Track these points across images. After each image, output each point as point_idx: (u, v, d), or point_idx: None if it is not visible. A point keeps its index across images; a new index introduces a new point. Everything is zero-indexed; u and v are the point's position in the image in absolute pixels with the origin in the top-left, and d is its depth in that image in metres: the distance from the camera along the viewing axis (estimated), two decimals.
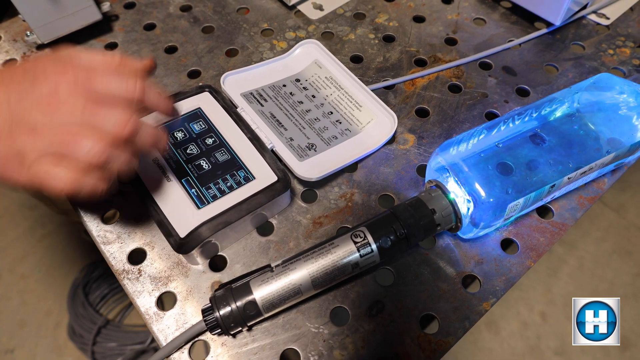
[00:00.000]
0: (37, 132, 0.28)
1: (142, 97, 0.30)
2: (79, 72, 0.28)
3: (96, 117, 0.28)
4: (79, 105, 0.28)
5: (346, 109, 0.45)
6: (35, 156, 0.28)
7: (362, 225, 0.34)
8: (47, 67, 0.29)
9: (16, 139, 0.28)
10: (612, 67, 0.50)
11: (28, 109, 0.28)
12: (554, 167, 0.35)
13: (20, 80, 0.29)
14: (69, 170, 0.27)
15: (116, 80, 0.29)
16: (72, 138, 0.27)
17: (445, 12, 0.55)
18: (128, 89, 0.29)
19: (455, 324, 0.34)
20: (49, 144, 0.28)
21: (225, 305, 0.32)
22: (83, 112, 0.28)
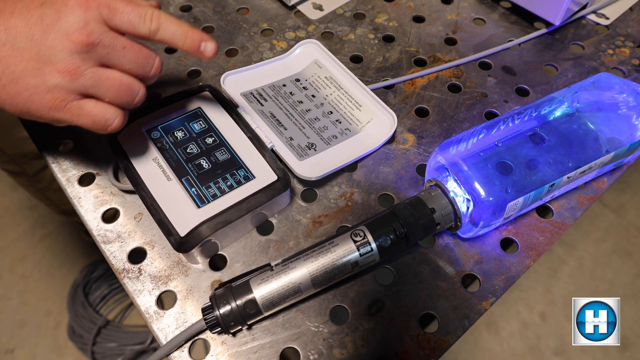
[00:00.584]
0: (73, 73, 0.28)
1: (157, 32, 0.31)
2: (103, 8, 0.29)
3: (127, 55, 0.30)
4: (119, 41, 0.29)
5: (346, 109, 0.45)
6: (70, 96, 0.29)
7: (362, 225, 0.34)
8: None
9: (47, 76, 0.28)
10: (611, 67, 0.50)
11: (58, 42, 0.28)
12: (554, 166, 0.35)
13: (39, 8, 0.28)
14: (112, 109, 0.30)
15: (136, 17, 0.30)
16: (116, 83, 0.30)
17: (445, 12, 0.55)
18: (145, 26, 0.30)
19: (454, 323, 0.35)
20: (89, 86, 0.29)
21: (225, 304, 0.32)
22: (124, 49, 0.29)
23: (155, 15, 0.30)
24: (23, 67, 0.28)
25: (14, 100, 0.29)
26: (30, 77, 0.28)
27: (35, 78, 0.28)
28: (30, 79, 0.28)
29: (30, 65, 0.28)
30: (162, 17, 0.31)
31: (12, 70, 0.28)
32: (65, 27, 0.28)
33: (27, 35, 0.28)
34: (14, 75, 0.28)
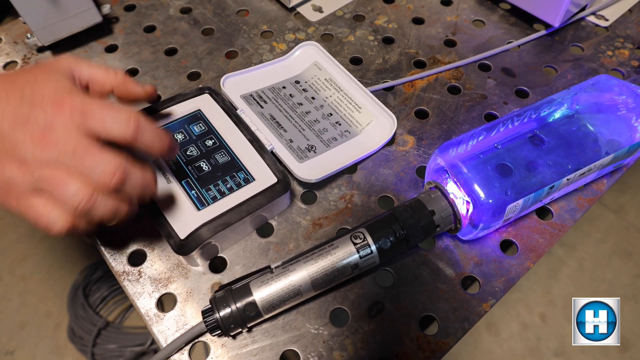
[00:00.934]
0: (27, 165, 0.27)
1: (135, 139, 0.29)
2: (75, 111, 0.28)
3: (86, 161, 0.27)
4: (70, 145, 0.27)
5: (346, 111, 0.45)
6: (23, 190, 0.27)
7: (362, 227, 0.34)
8: (45, 94, 0.28)
9: (5, 167, 0.27)
10: (611, 68, 0.50)
11: (21, 139, 0.27)
12: (553, 168, 0.35)
13: (18, 101, 0.28)
14: (58, 212, 0.27)
15: (111, 121, 0.28)
16: (60, 179, 0.27)
17: (445, 13, 0.55)
18: (120, 132, 0.28)
19: (454, 325, 0.35)
20: (37, 180, 0.27)
21: (225, 307, 0.32)
22: (74, 154, 0.27)
23: (133, 120, 0.28)
24: None
25: None
26: None
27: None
28: None
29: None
30: (140, 122, 0.29)
31: None
32: (32, 128, 0.27)
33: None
34: None
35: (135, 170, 0.28)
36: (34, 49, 0.52)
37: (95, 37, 0.53)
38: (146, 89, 0.35)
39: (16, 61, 0.51)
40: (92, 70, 0.33)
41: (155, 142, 0.30)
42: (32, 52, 0.52)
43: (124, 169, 0.28)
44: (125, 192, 0.29)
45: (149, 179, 0.30)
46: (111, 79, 0.33)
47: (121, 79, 0.34)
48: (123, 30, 0.54)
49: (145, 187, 0.29)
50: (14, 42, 0.53)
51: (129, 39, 0.53)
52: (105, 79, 0.33)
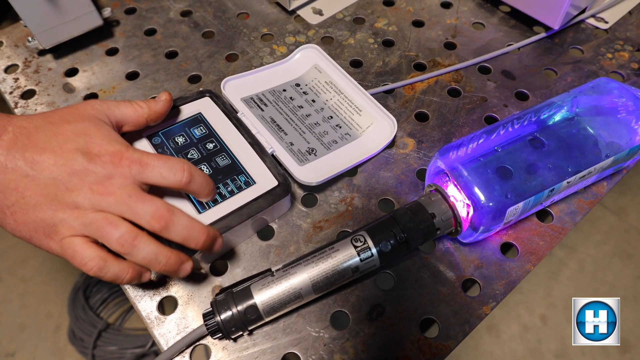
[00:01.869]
0: (79, 210, 0.29)
1: (188, 185, 0.32)
2: (134, 164, 0.30)
3: (139, 205, 0.30)
4: (125, 195, 0.30)
5: (346, 114, 0.45)
6: (69, 233, 0.29)
7: (362, 230, 0.34)
8: (102, 147, 0.31)
9: (57, 211, 0.29)
10: (610, 71, 0.50)
11: (78, 187, 0.29)
12: (553, 171, 0.35)
13: (72, 152, 0.30)
14: (97, 254, 0.30)
15: (166, 172, 0.31)
16: (109, 224, 0.29)
17: (444, 16, 0.55)
18: (176, 179, 0.31)
19: (455, 328, 0.35)
20: (86, 225, 0.29)
21: (226, 310, 0.32)
22: (128, 201, 0.29)
23: (187, 167, 0.31)
24: (37, 201, 0.29)
25: (19, 227, 0.30)
26: (41, 211, 0.29)
27: (45, 213, 0.29)
28: (40, 213, 0.29)
29: (46, 201, 0.29)
30: (192, 169, 0.32)
31: (27, 202, 0.29)
32: (91, 178, 0.30)
33: (52, 175, 0.29)
34: (27, 207, 0.29)
35: (182, 216, 0.31)
36: (35, 52, 0.52)
37: (96, 40, 0.53)
38: (165, 99, 0.37)
39: (17, 64, 0.51)
40: (123, 110, 0.35)
41: (203, 187, 0.33)
42: (33, 56, 0.52)
43: (172, 212, 0.30)
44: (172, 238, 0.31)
45: (197, 229, 0.31)
46: (140, 114, 0.36)
47: (147, 108, 0.36)
48: (124, 34, 0.54)
49: (190, 234, 0.31)
50: (15, 46, 0.53)
51: (130, 42, 0.53)
52: (137, 115, 0.35)
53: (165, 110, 0.37)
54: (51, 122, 0.31)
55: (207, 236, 0.31)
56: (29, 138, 0.30)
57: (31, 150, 0.30)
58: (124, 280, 0.31)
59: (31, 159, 0.29)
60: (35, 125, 0.31)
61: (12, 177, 0.29)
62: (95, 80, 0.50)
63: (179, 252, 0.32)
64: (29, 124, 0.31)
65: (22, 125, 0.31)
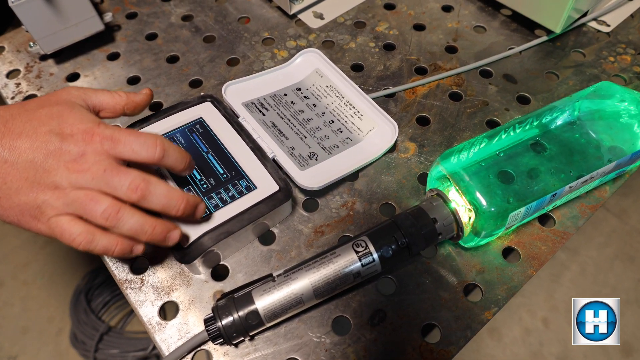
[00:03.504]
0: (60, 190, 0.30)
1: (162, 160, 0.32)
2: (105, 140, 0.31)
3: (114, 179, 0.30)
4: (101, 168, 0.30)
5: (347, 118, 0.45)
6: (54, 213, 0.30)
7: (364, 235, 0.34)
8: (73, 126, 0.31)
9: (39, 193, 0.30)
10: (612, 74, 0.50)
11: (55, 167, 0.30)
12: (555, 175, 0.35)
13: (46, 134, 0.31)
14: (85, 228, 0.30)
15: (137, 147, 0.31)
16: (92, 197, 0.30)
17: (446, 20, 0.55)
18: (148, 154, 0.31)
19: (457, 334, 0.34)
20: (69, 203, 0.30)
21: (228, 315, 0.32)
22: (104, 174, 0.30)
23: (160, 142, 0.32)
24: (18, 185, 0.30)
25: (7, 212, 0.31)
26: (24, 194, 0.30)
27: (28, 195, 0.30)
28: (22, 196, 0.30)
29: (26, 184, 0.30)
30: (165, 144, 0.32)
31: (9, 187, 0.30)
32: (65, 157, 0.30)
33: (28, 158, 0.30)
34: (9, 192, 0.30)
35: (159, 185, 0.31)
36: (36, 57, 0.52)
37: (98, 45, 0.53)
38: (145, 92, 0.38)
39: (19, 69, 0.51)
40: (100, 97, 0.35)
41: (178, 161, 0.33)
42: (34, 60, 0.52)
43: (148, 182, 0.31)
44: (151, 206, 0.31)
45: (175, 196, 0.32)
46: (118, 101, 0.36)
47: (125, 97, 0.37)
48: (125, 38, 0.54)
49: (168, 202, 0.31)
50: (16, 51, 0.53)
51: (131, 47, 0.53)
52: (114, 102, 0.36)
53: (144, 102, 0.38)
54: (27, 109, 0.32)
55: (186, 203, 0.32)
56: (5, 125, 0.31)
57: (8, 136, 0.30)
58: (115, 252, 0.31)
59: (8, 145, 0.30)
60: (11, 113, 0.32)
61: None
62: (97, 85, 0.50)
63: (165, 220, 0.32)
64: (5, 112, 0.32)
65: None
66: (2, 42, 0.54)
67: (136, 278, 0.37)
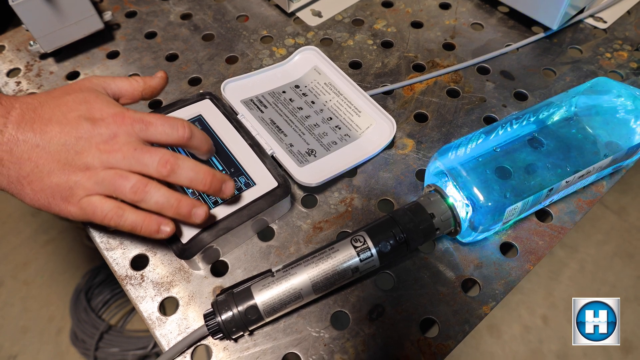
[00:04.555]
0: (91, 170, 0.31)
1: (190, 141, 0.34)
2: (136, 122, 0.32)
3: (145, 156, 0.31)
4: (131, 149, 0.31)
5: (345, 115, 0.45)
6: (85, 193, 0.31)
7: (362, 230, 0.35)
8: (103, 110, 0.33)
9: (70, 174, 0.31)
10: (609, 70, 0.50)
11: (86, 149, 0.31)
12: (552, 170, 0.35)
13: (76, 119, 0.32)
14: (115, 204, 0.32)
15: (168, 129, 0.33)
16: (119, 178, 0.31)
17: (443, 17, 0.56)
18: (178, 135, 0.33)
19: (455, 328, 0.35)
20: (99, 182, 0.31)
21: (227, 310, 0.32)
22: (134, 154, 0.31)
23: (187, 124, 0.33)
24: (50, 168, 0.31)
25: (37, 195, 0.32)
26: (55, 176, 0.31)
27: (60, 177, 0.31)
28: (54, 178, 0.31)
29: (58, 166, 0.31)
30: (192, 126, 0.34)
31: (41, 170, 0.31)
32: (96, 139, 0.31)
33: (60, 141, 0.31)
34: (41, 174, 0.31)
35: (187, 160, 0.32)
36: (36, 56, 0.52)
37: (97, 44, 0.53)
38: (160, 76, 0.39)
39: (19, 68, 0.52)
40: (119, 84, 0.37)
41: (203, 143, 0.35)
42: (34, 59, 0.52)
43: (176, 157, 0.32)
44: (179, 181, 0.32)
45: (203, 171, 0.33)
46: (136, 87, 0.37)
47: (142, 82, 0.38)
48: (124, 37, 0.54)
49: (196, 175, 0.32)
50: (17, 50, 0.53)
51: (130, 45, 0.53)
52: (133, 89, 0.37)
53: (160, 86, 0.39)
54: (53, 97, 0.33)
55: (212, 177, 0.33)
56: (35, 112, 0.32)
57: (38, 122, 0.31)
58: (142, 228, 0.32)
59: (40, 130, 0.31)
60: (39, 101, 0.33)
61: (24, 148, 0.31)
62: None
63: (190, 197, 0.33)
64: (33, 100, 0.33)
65: (27, 101, 0.33)
66: (3, 41, 0.54)
67: (136, 274, 0.37)
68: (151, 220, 0.32)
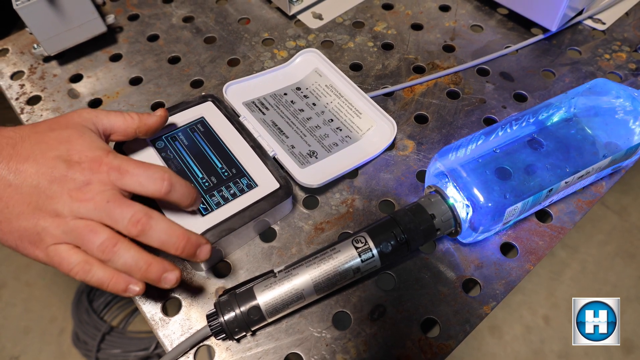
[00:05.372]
0: (60, 218, 0.30)
1: (168, 195, 0.32)
2: (113, 170, 0.31)
3: (116, 211, 0.30)
4: (104, 201, 0.30)
5: (346, 116, 0.45)
6: (53, 241, 0.30)
7: (363, 231, 0.35)
8: (82, 153, 0.31)
9: (39, 219, 0.30)
10: (608, 71, 0.50)
11: (58, 194, 0.30)
12: (552, 171, 0.36)
13: (54, 159, 0.30)
14: (83, 258, 0.30)
15: (144, 180, 0.31)
16: (91, 228, 0.30)
17: (443, 19, 0.56)
18: (154, 189, 0.31)
19: (456, 328, 0.35)
20: (67, 232, 0.30)
21: (230, 311, 0.32)
22: (106, 207, 0.30)
23: (167, 176, 0.31)
24: (20, 210, 0.30)
25: (6, 236, 0.30)
26: (24, 219, 0.30)
27: (29, 221, 0.30)
28: (23, 222, 0.30)
29: (28, 209, 0.30)
30: (173, 179, 0.32)
31: (10, 211, 0.30)
32: (70, 185, 0.30)
33: (33, 183, 0.30)
34: (10, 216, 0.30)
35: (160, 220, 0.30)
36: (40, 59, 0.53)
37: (100, 47, 0.54)
38: (160, 115, 0.37)
39: (23, 71, 0.52)
40: (112, 120, 0.35)
41: (184, 196, 0.32)
42: (38, 62, 0.53)
43: (149, 216, 0.30)
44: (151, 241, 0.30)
45: (175, 231, 0.31)
46: (130, 124, 0.36)
47: (137, 119, 0.36)
48: (127, 40, 0.55)
49: (168, 238, 0.30)
50: (20, 53, 0.54)
51: (133, 48, 0.54)
52: (126, 125, 0.35)
53: (157, 124, 0.37)
54: (37, 132, 0.32)
55: (186, 241, 0.31)
56: (14, 148, 0.31)
57: (15, 159, 0.30)
58: (108, 286, 0.30)
59: (15, 168, 0.30)
60: (21, 135, 0.31)
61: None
62: (100, 85, 0.51)
63: (163, 259, 0.31)
64: (15, 134, 0.31)
65: (9, 135, 0.31)
66: (6, 44, 0.55)
67: None
68: (119, 279, 0.30)
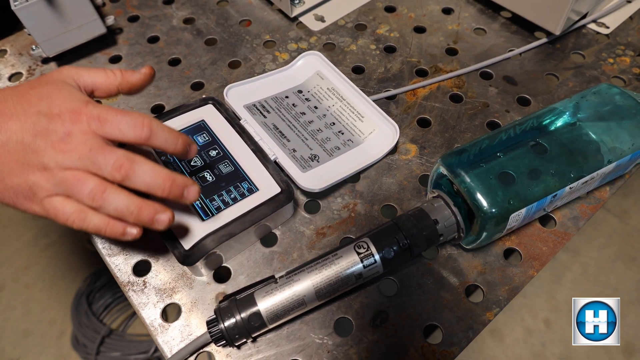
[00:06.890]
0: (49, 170, 0.30)
1: (149, 140, 0.31)
2: (92, 119, 0.31)
3: (99, 158, 0.30)
4: (87, 147, 0.30)
5: (348, 120, 0.45)
6: (45, 194, 0.30)
7: (365, 236, 0.35)
8: (61, 106, 0.31)
9: (29, 174, 0.30)
10: (612, 75, 0.50)
11: (42, 148, 0.30)
12: (556, 177, 0.35)
13: (35, 115, 0.30)
14: (77, 207, 0.31)
15: (125, 127, 0.31)
16: (79, 178, 0.30)
17: (446, 22, 0.56)
18: (135, 135, 0.31)
19: (459, 334, 0.35)
20: (57, 184, 0.30)
21: (230, 317, 0.32)
22: (89, 155, 0.30)
23: (147, 122, 0.31)
24: (10, 167, 0.30)
25: (2, 194, 0.31)
26: (15, 176, 0.30)
27: (19, 177, 0.30)
28: (15, 178, 0.30)
29: (17, 166, 0.30)
30: (154, 124, 0.31)
31: (1, 169, 0.30)
32: (52, 137, 0.30)
33: (18, 139, 0.30)
34: (3, 174, 0.30)
35: (144, 164, 0.30)
36: (38, 60, 0.53)
37: (100, 48, 0.53)
38: (144, 72, 0.36)
39: (21, 72, 0.52)
40: (93, 76, 0.34)
41: (168, 142, 0.32)
42: (36, 64, 0.52)
43: (132, 161, 0.30)
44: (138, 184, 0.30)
45: (161, 175, 0.31)
46: (112, 80, 0.35)
47: (120, 76, 0.35)
48: (127, 41, 0.54)
49: (153, 181, 0.31)
50: (18, 54, 0.53)
51: (133, 50, 0.53)
52: (108, 81, 0.35)
53: (141, 82, 0.36)
54: (18, 91, 0.32)
55: (172, 182, 0.31)
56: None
57: (0, 118, 0.30)
58: (106, 231, 0.31)
59: (0, 127, 0.30)
60: (3, 95, 0.32)
61: None
62: None
63: (153, 202, 0.31)
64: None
65: None
66: (5, 45, 0.54)
67: (138, 280, 0.37)
68: (115, 223, 0.31)
